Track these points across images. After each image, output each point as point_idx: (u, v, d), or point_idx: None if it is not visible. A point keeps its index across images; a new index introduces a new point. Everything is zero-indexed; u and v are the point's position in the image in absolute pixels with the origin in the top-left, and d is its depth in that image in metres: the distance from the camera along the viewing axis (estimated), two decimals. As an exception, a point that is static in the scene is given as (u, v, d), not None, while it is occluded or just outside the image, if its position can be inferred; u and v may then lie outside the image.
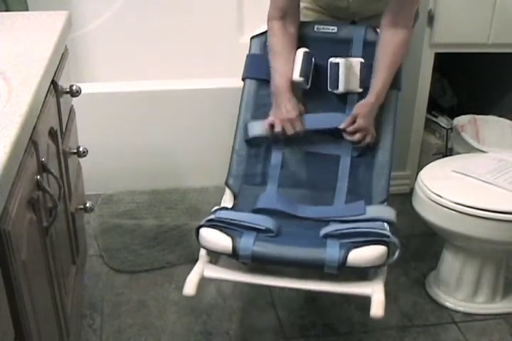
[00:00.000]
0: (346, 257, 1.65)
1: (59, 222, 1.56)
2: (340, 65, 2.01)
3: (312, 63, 2.03)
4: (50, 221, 1.39)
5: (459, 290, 2.22)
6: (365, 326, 2.12)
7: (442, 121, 2.97)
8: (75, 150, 1.89)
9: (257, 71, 2.09)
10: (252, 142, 2.05)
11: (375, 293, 1.69)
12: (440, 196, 2.03)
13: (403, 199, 2.68)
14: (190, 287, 1.71)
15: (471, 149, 2.58)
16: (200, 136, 2.85)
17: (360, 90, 2.04)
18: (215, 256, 1.82)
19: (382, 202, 1.98)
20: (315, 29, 2.11)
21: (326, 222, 1.90)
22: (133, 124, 2.78)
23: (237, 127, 2.08)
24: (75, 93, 1.82)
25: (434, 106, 3.07)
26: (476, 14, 2.59)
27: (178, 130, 2.83)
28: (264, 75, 2.06)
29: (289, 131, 2.00)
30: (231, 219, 1.76)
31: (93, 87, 2.68)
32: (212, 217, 1.78)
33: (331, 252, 1.66)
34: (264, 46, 2.11)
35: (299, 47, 2.05)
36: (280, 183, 2.04)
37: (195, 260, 1.84)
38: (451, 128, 2.83)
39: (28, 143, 1.23)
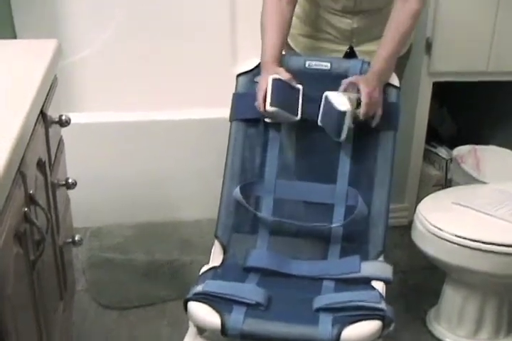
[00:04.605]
0: (339, 336, 1.61)
1: (46, 255, 1.56)
2: (347, 114, 1.87)
3: (299, 95, 1.95)
4: (38, 254, 1.39)
5: (461, 326, 2.21)
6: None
7: (441, 151, 2.99)
8: (64, 182, 1.89)
9: (245, 111, 2.02)
10: (242, 191, 1.98)
11: None
12: (440, 229, 2.04)
13: (402, 232, 2.69)
14: None
15: (471, 180, 2.59)
16: (191, 167, 2.86)
17: (353, 125, 1.94)
18: None
19: (379, 254, 1.94)
20: (306, 65, 2.04)
21: (320, 280, 1.87)
22: (123, 155, 2.80)
23: (225, 172, 2.03)
24: (64, 123, 1.83)
25: (433, 136, 3.08)
26: (475, 42, 2.62)
27: (169, 161, 2.84)
28: (253, 114, 1.99)
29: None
30: (219, 293, 1.72)
31: (83, 117, 2.69)
32: (199, 289, 1.73)
33: (323, 331, 1.63)
34: (251, 84, 2.04)
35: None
36: (272, 232, 1.99)
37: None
38: (451, 159, 2.85)
39: (16, 174, 1.24)
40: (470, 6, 2.57)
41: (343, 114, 1.87)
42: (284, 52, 2.10)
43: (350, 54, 2.22)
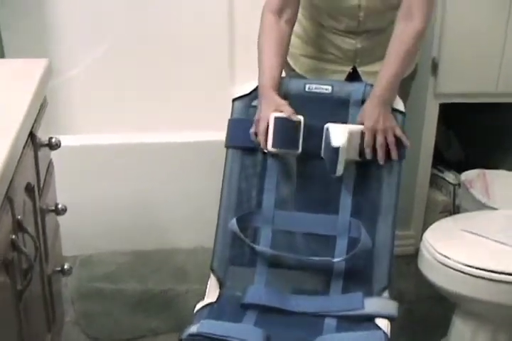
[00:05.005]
0: None
1: (34, 285, 1.56)
2: (340, 150, 1.87)
3: (300, 128, 1.94)
4: (25, 284, 1.39)
5: (470, 360, 2.20)
6: None
7: (449, 176, 2.98)
8: (53, 208, 1.89)
9: (241, 138, 2.02)
10: (239, 222, 1.98)
11: None
12: (448, 257, 2.03)
13: (408, 261, 2.68)
14: None
15: (480, 206, 2.59)
16: (187, 192, 2.85)
17: (359, 159, 1.95)
18: None
19: (383, 290, 1.93)
20: (306, 89, 2.02)
21: (321, 317, 1.85)
22: (116, 179, 2.80)
23: (221, 202, 2.03)
24: (54, 146, 1.83)
25: (440, 160, 3.09)
26: (483, 61, 2.64)
27: (164, 186, 2.84)
28: (249, 143, 2.00)
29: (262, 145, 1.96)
30: (215, 334, 1.71)
31: (73, 140, 2.70)
32: (194, 330, 1.73)
33: None
34: (248, 109, 2.04)
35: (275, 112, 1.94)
36: (270, 264, 1.98)
37: (181, 328, 1.83)
38: (459, 184, 2.85)
39: (4, 199, 1.24)
40: (478, 25, 2.58)
41: (336, 149, 1.87)
42: (283, 74, 2.11)
43: (353, 75, 2.24)
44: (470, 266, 1.99)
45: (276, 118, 1.92)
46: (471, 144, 3.27)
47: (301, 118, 1.95)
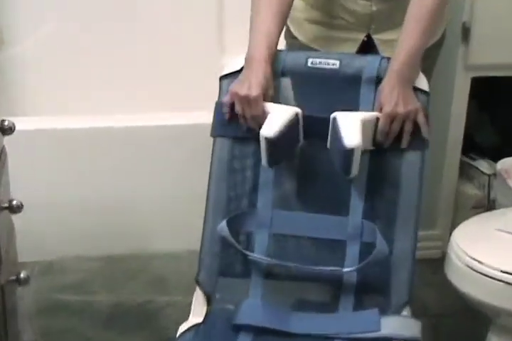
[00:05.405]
0: None
1: (-16, 297, 1.56)
2: (355, 150, 1.83)
3: (299, 124, 1.92)
4: (-27, 296, 1.40)
5: (508, 386, 2.21)
6: None
7: (482, 165, 2.98)
8: (7, 205, 1.89)
9: (231, 126, 2.00)
10: (229, 225, 1.95)
11: None
12: (481, 262, 2.04)
13: (433, 267, 2.68)
14: None
15: (520, 201, 2.60)
16: (169, 185, 2.86)
17: (372, 148, 1.94)
18: None
19: (403, 306, 1.91)
20: (309, 64, 1.99)
21: (329, 339, 1.84)
22: (83, 171, 2.81)
23: (207, 201, 2.02)
24: (7, 130, 1.83)
25: (472, 146, 3.09)
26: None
27: (140, 178, 2.85)
28: (240, 132, 1.99)
29: (247, 114, 1.93)
30: None
31: (31, 123, 2.70)
32: None
33: None
34: None
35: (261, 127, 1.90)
36: (267, 275, 1.97)
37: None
38: (494, 174, 2.85)
39: None
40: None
41: (351, 151, 1.84)
42: (283, 48, 2.09)
43: (368, 43, 2.23)
44: (507, 273, 1.99)
45: (267, 139, 1.87)
46: (509, 127, 3.27)
47: (298, 111, 1.93)
